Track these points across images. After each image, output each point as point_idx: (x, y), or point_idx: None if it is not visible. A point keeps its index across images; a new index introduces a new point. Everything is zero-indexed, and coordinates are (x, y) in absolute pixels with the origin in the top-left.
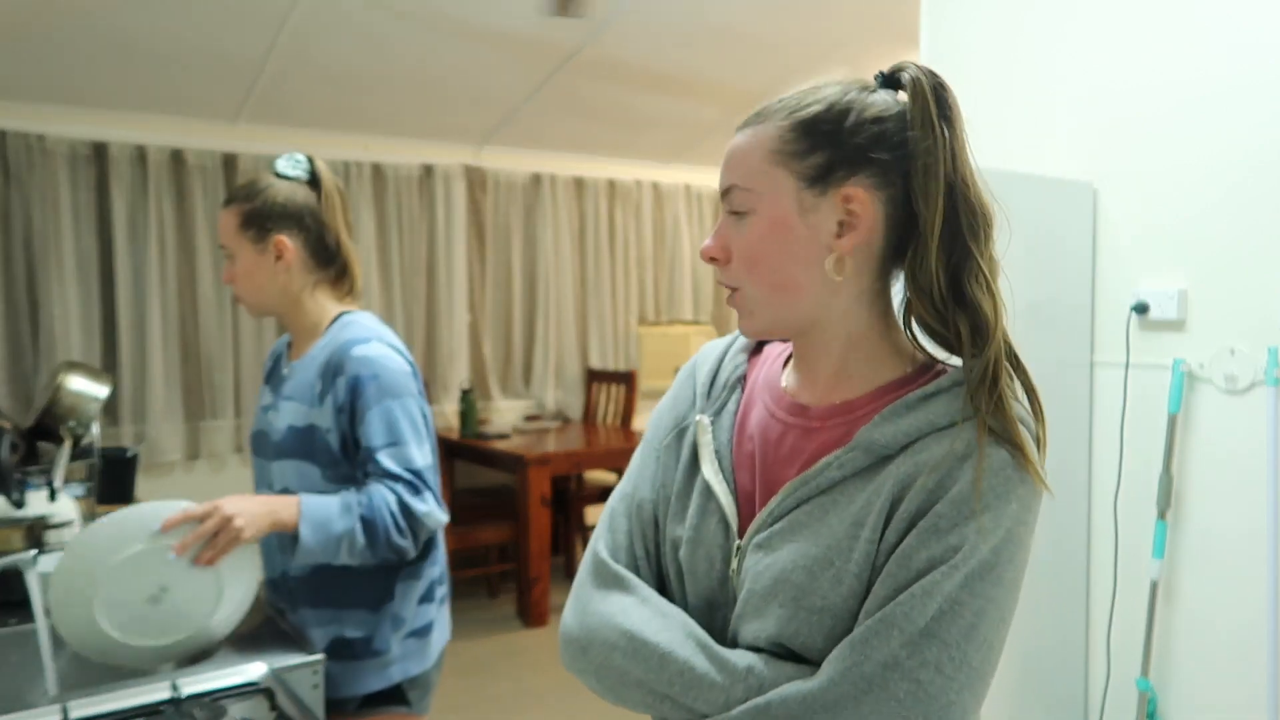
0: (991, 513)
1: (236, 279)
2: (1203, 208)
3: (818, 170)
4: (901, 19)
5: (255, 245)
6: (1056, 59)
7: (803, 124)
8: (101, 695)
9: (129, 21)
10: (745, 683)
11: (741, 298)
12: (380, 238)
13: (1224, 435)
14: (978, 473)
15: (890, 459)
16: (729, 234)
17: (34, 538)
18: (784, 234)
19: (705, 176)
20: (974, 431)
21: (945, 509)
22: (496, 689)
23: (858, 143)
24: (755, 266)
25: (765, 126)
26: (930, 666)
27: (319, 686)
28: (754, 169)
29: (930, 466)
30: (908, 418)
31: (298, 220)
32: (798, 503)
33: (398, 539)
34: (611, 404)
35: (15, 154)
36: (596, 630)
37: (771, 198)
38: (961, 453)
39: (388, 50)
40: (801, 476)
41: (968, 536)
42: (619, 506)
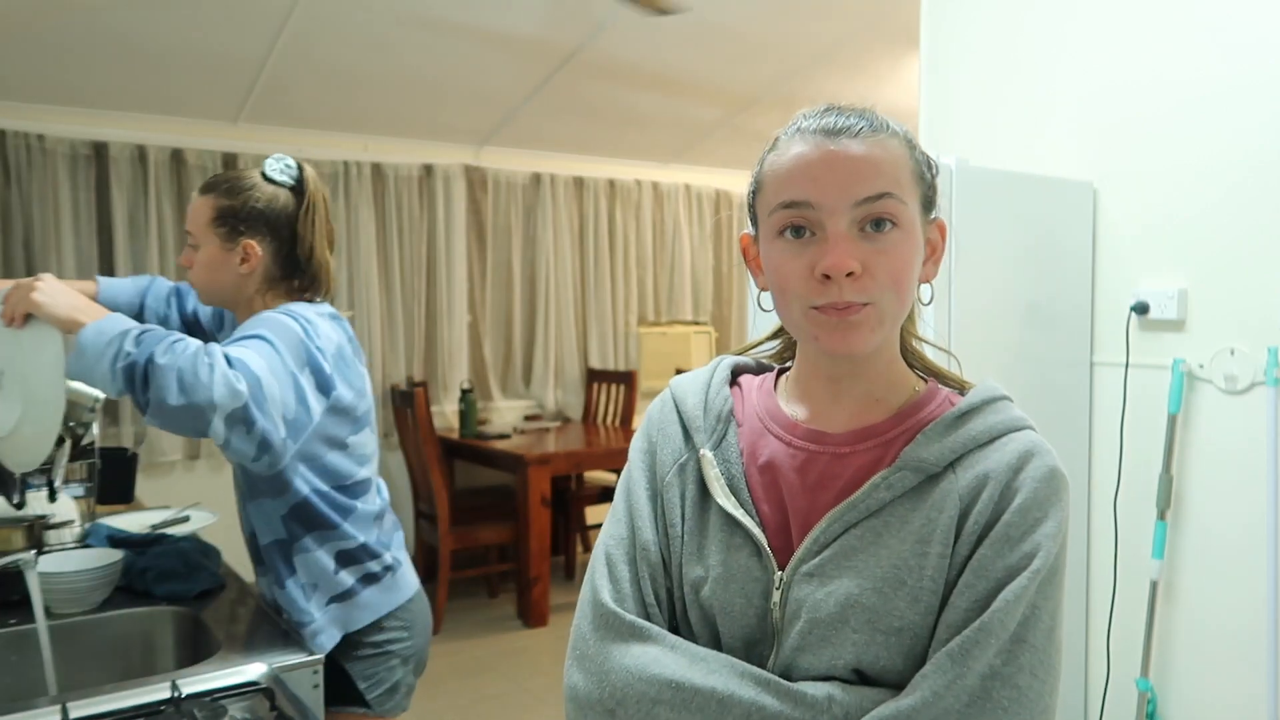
0: (1050, 519)
1: (194, 267)
2: (1202, 208)
3: (926, 199)
4: (901, 19)
5: (223, 243)
6: (1056, 59)
7: (919, 151)
8: (101, 695)
9: (129, 21)
10: (830, 713)
11: (876, 312)
12: (380, 238)
13: (1224, 435)
14: (1035, 483)
15: (937, 477)
16: (859, 247)
17: (34, 538)
18: (918, 255)
19: (705, 176)
20: (1017, 444)
21: (1014, 518)
22: (496, 689)
23: (935, 180)
24: (902, 285)
25: (893, 141)
26: (1026, 671)
27: (319, 686)
28: (904, 182)
29: (992, 479)
30: (950, 436)
31: (273, 228)
32: (845, 527)
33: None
34: (611, 404)
35: (15, 154)
36: (626, 687)
37: (913, 215)
38: (1015, 464)
39: (388, 50)
40: (848, 501)
41: (1041, 543)
42: (616, 553)
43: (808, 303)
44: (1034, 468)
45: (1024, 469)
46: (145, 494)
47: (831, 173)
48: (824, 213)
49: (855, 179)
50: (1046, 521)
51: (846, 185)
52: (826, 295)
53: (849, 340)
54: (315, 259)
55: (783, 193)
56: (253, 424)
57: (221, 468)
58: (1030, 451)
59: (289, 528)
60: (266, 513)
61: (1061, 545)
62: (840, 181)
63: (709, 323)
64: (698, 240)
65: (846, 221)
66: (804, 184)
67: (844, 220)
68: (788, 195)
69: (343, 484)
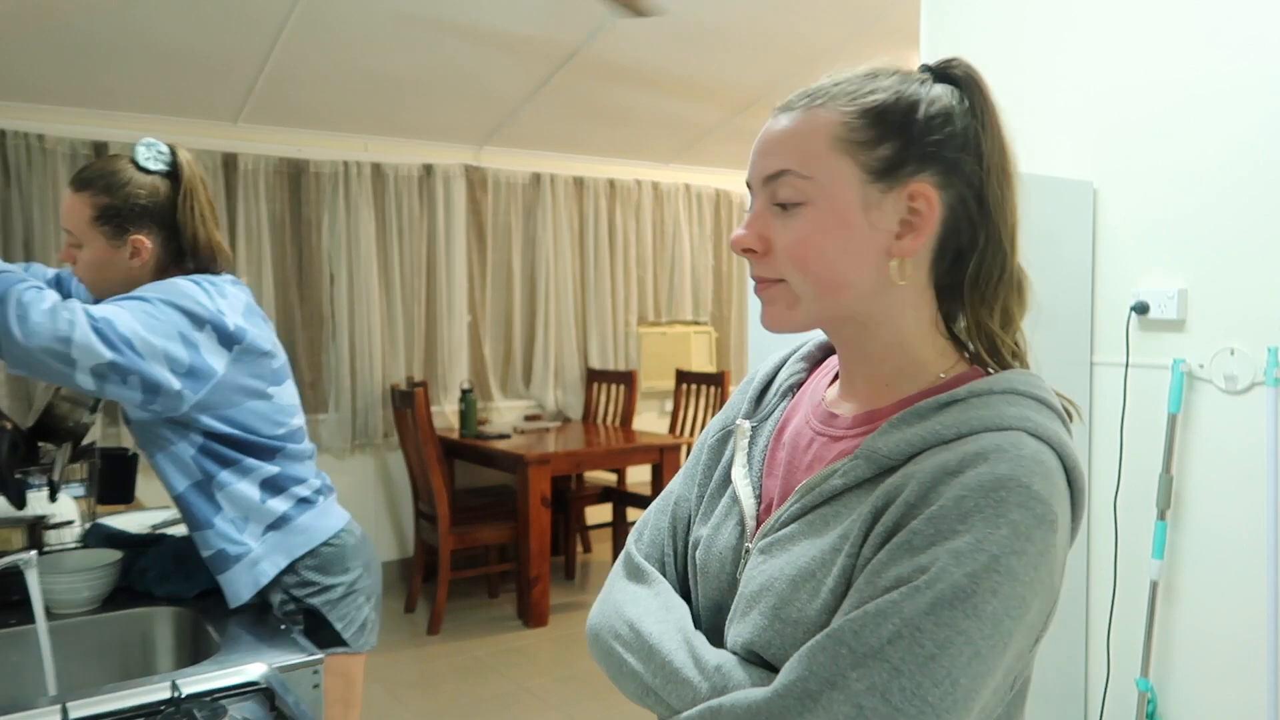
0: (972, 535)
1: (80, 263)
2: (1202, 207)
3: (885, 163)
4: (901, 19)
5: (109, 240)
6: (1057, 59)
7: (871, 112)
8: (101, 695)
9: (129, 21)
10: (711, 681)
11: (786, 291)
12: (380, 238)
13: (1224, 435)
14: (963, 490)
15: (892, 471)
16: (769, 224)
17: (34, 538)
18: (843, 229)
19: (705, 176)
20: (977, 445)
21: (920, 525)
22: (496, 689)
23: (929, 138)
24: (806, 262)
25: (823, 111)
26: (876, 693)
27: (319, 686)
28: (813, 155)
29: (917, 479)
30: (915, 427)
31: (159, 220)
32: (803, 510)
33: (18, 318)
34: (611, 404)
35: (15, 154)
36: (608, 618)
37: (832, 189)
38: (953, 468)
39: (388, 50)
40: (806, 483)
41: (938, 557)
42: (658, 503)
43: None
44: (974, 474)
45: (961, 473)
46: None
47: (756, 150)
48: (752, 190)
49: (766, 156)
50: (961, 536)
51: (760, 162)
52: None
53: (765, 317)
54: (202, 243)
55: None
56: (128, 372)
57: None
58: (983, 454)
59: (202, 466)
60: (178, 458)
61: (993, 572)
62: (757, 158)
63: (709, 323)
64: (698, 240)
65: (764, 198)
66: (750, 162)
67: (761, 197)
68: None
69: (272, 433)
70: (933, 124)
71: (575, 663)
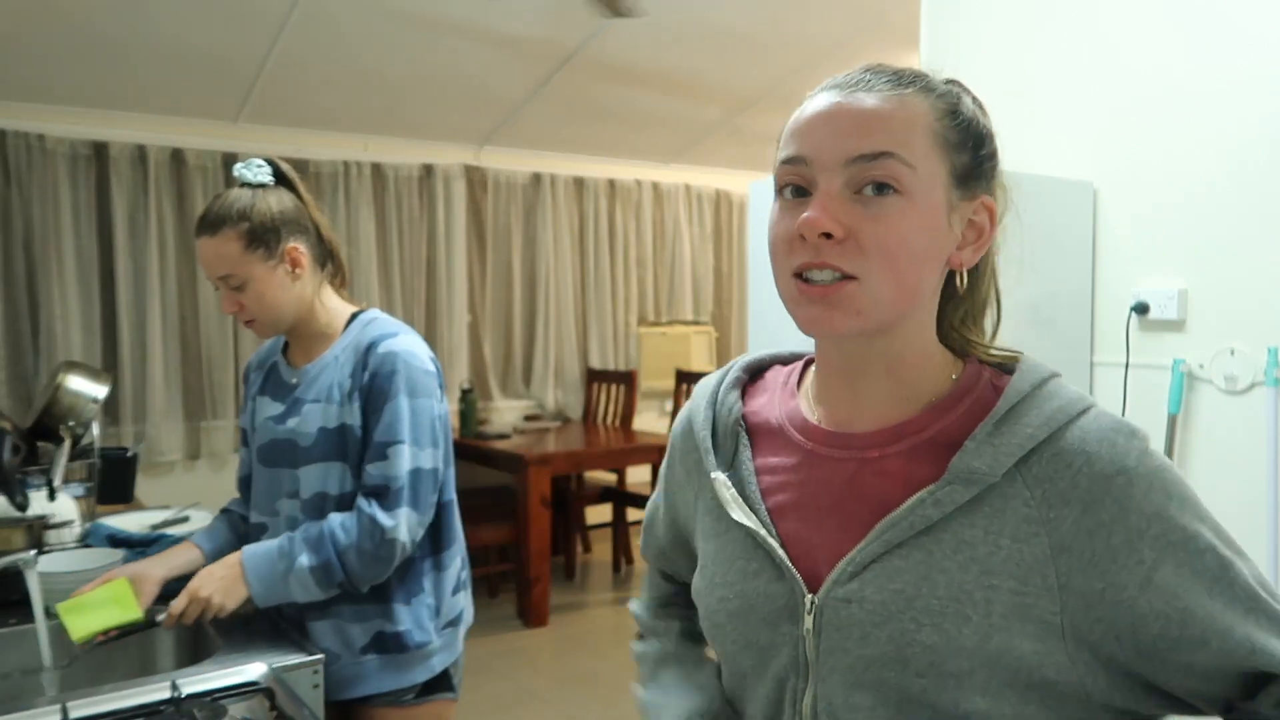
0: (1174, 504)
1: (247, 304)
2: (1203, 207)
3: (966, 170)
4: (901, 19)
5: (266, 262)
6: (1057, 58)
7: (958, 113)
8: (101, 695)
9: (129, 22)
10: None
11: (857, 290)
12: (380, 238)
13: (1224, 435)
14: (1129, 478)
15: (997, 488)
16: (849, 210)
17: (34, 537)
18: (932, 230)
19: (705, 176)
20: (1085, 435)
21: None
22: (496, 689)
23: (993, 151)
24: (897, 260)
25: (916, 99)
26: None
27: (319, 686)
28: (916, 143)
29: (1079, 496)
30: (1003, 437)
31: (298, 225)
32: (886, 547)
33: (355, 563)
34: (611, 404)
35: (15, 154)
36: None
37: (930, 184)
38: (1109, 469)
39: (388, 50)
40: (890, 518)
41: (1195, 532)
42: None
43: (789, 268)
44: (1135, 460)
45: (1123, 472)
46: (145, 494)
47: (829, 126)
48: (817, 169)
49: (853, 134)
50: (1171, 512)
51: (842, 140)
52: (804, 255)
53: (824, 321)
54: (332, 241)
55: (785, 147)
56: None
57: (221, 468)
58: (1107, 440)
59: (421, 543)
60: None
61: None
62: (836, 135)
63: (709, 323)
64: (698, 240)
65: (841, 181)
66: (803, 138)
67: (838, 179)
68: (788, 150)
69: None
70: (992, 139)
71: (575, 663)
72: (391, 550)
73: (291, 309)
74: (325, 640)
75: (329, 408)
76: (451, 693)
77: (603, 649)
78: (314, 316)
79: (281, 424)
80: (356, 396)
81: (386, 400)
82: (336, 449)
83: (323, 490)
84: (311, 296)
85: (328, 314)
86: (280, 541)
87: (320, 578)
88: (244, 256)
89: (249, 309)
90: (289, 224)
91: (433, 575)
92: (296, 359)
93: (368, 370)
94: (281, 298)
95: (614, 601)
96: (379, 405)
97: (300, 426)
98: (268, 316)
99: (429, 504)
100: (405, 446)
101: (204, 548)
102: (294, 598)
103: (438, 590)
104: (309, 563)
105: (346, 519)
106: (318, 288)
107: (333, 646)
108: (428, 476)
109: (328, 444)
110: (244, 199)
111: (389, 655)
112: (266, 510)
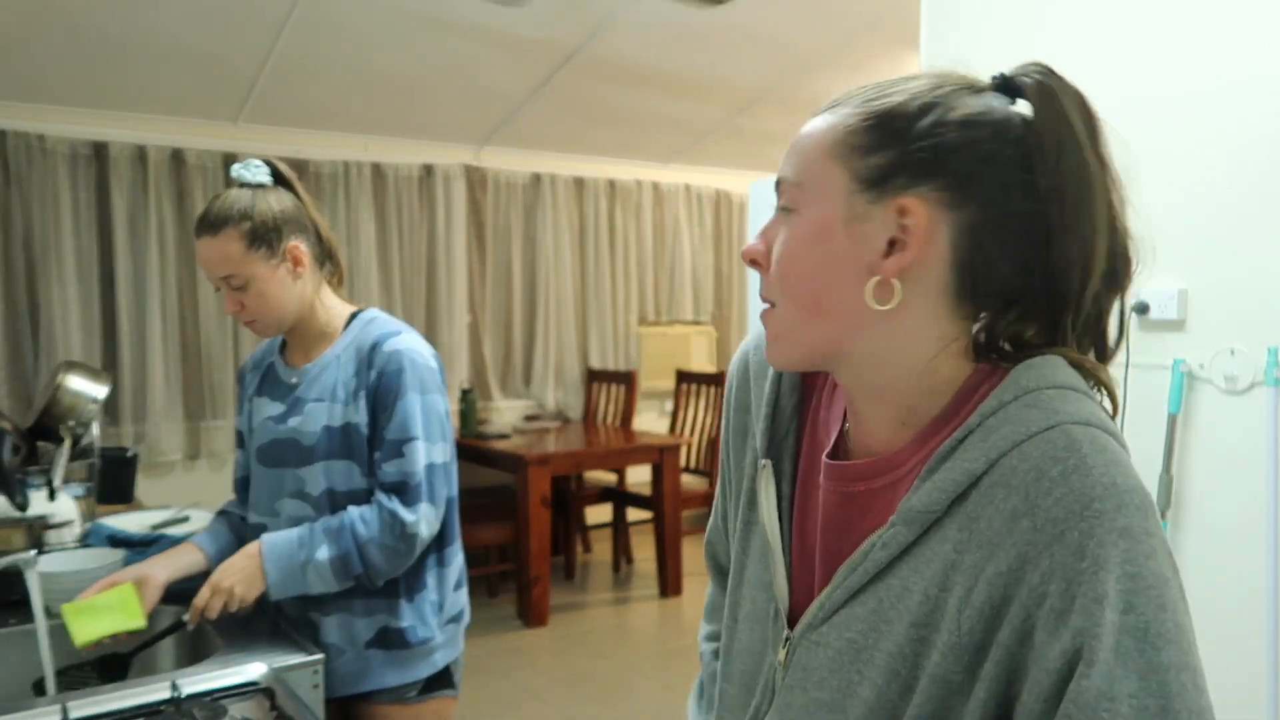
0: (1102, 570)
1: (249, 304)
2: (1203, 207)
3: (876, 172)
4: (902, 19)
5: (269, 261)
6: (1056, 58)
7: (875, 115)
8: (101, 695)
9: (129, 22)
10: None
11: (774, 317)
12: (380, 238)
13: (1224, 435)
14: (1052, 529)
15: (939, 526)
16: (774, 234)
17: (34, 537)
18: (822, 242)
19: (705, 176)
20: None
21: (1042, 589)
22: (496, 689)
23: (932, 145)
24: (787, 277)
25: (836, 114)
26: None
27: (319, 686)
28: (809, 160)
29: (989, 539)
30: (942, 473)
31: (298, 223)
32: (849, 594)
33: (376, 557)
34: (611, 404)
35: (15, 154)
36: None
37: (819, 195)
38: (1023, 508)
39: (388, 50)
40: (849, 562)
41: (1090, 610)
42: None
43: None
44: (1050, 503)
45: (1033, 511)
46: (145, 494)
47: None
48: None
49: (784, 160)
50: (1094, 576)
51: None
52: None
53: (767, 352)
54: (330, 240)
55: None
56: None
57: (221, 468)
58: (1042, 473)
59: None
60: None
61: (1138, 590)
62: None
63: (709, 323)
64: (698, 240)
65: (776, 207)
66: None
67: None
68: None
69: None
70: (942, 131)
71: (575, 663)
72: (413, 545)
73: (293, 308)
74: (330, 635)
75: (333, 406)
76: (452, 690)
77: (603, 649)
78: (314, 316)
79: (282, 423)
80: (363, 395)
81: (397, 398)
82: (342, 447)
83: (330, 488)
84: (312, 296)
85: (327, 313)
86: (300, 531)
87: (338, 570)
88: (246, 256)
89: (251, 309)
90: (290, 223)
91: (436, 571)
92: (295, 359)
93: (374, 369)
94: (284, 297)
95: (614, 601)
96: (389, 403)
97: (303, 425)
98: (270, 316)
99: (443, 498)
100: (420, 443)
101: (207, 550)
102: (309, 590)
103: (441, 586)
104: (328, 554)
105: (366, 512)
106: (317, 287)
107: (338, 641)
108: (441, 471)
109: (333, 442)
110: (244, 199)
111: (393, 651)
112: (267, 511)
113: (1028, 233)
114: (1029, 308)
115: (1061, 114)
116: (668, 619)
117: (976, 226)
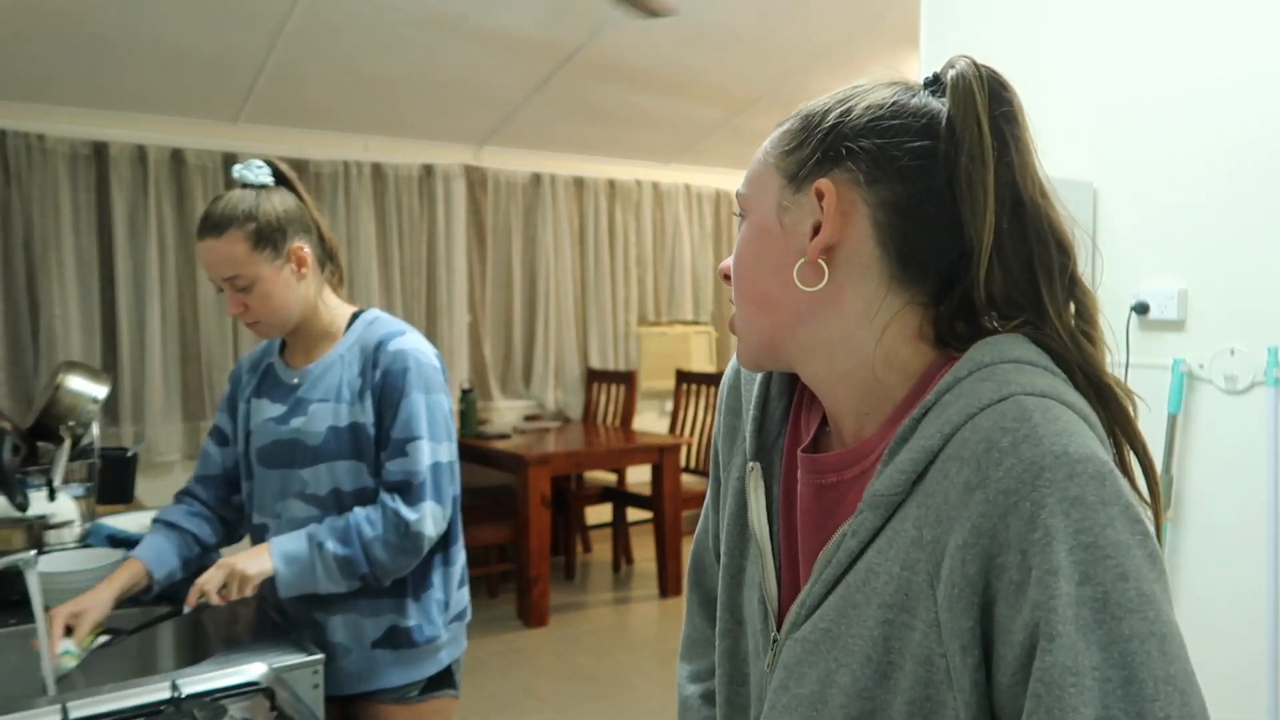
0: (1056, 541)
1: (253, 306)
2: (1203, 207)
3: (798, 165)
4: (902, 19)
5: (273, 262)
6: (1057, 58)
7: (799, 117)
8: (101, 695)
9: (129, 22)
10: None
11: (735, 320)
12: (380, 238)
13: (1224, 435)
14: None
15: (901, 506)
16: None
17: (34, 537)
18: (762, 239)
19: (705, 176)
20: (977, 438)
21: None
22: (496, 689)
23: (839, 131)
24: (737, 277)
25: (777, 131)
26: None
27: (319, 686)
28: (754, 171)
29: (944, 513)
30: (903, 454)
31: (301, 223)
32: (826, 588)
33: (382, 555)
34: (611, 404)
35: (15, 154)
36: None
37: (760, 199)
38: (974, 480)
39: (388, 50)
40: (823, 554)
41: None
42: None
43: None
44: (1000, 474)
45: (985, 484)
46: (145, 494)
47: None
48: None
49: None
50: (1047, 548)
51: None
52: None
53: (736, 353)
54: (332, 241)
55: None
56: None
57: None
58: (992, 445)
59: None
60: None
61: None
62: None
63: (709, 323)
64: (698, 240)
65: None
66: None
67: None
68: None
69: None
70: (849, 119)
71: (575, 663)
72: (418, 543)
73: (297, 309)
74: (336, 634)
75: (339, 406)
76: (454, 689)
77: (602, 649)
78: (317, 316)
79: (284, 424)
80: (368, 395)
81: (401, 397)
82: (349, 447)
83: (337, 487)
84: (315, 296)
85: (330, 314)
86: (308, 529)
87: (345, 568)
88: (251, 257)
89: (254, 310)
90: (294, 223)
91: (442, 570)
92: (295, 360)
93: (379, 368)
94: (288, 298)
95: (614, 602)
96: (394, 402)
97: (307, 426)
98: (274, 317)
99: (449, 496)
100: (424, 442)
101: (154, 575)
102: (318, 587)
103: (446, 585)
104: (336, 553)
105: (371, 512)
106: (320, 288)
107: (344, 641)
108: (446, 470)
109: (339, 442)
110: (248, 199)
111: (399, 650)
112: (268, 512)
113: (950, 209)
114: (974, 288)
115: (965, 89)
116: (668, 619)
117: (896, 203)
